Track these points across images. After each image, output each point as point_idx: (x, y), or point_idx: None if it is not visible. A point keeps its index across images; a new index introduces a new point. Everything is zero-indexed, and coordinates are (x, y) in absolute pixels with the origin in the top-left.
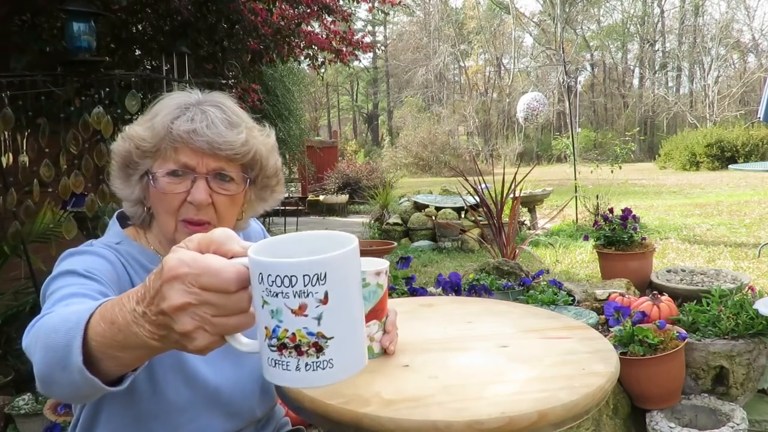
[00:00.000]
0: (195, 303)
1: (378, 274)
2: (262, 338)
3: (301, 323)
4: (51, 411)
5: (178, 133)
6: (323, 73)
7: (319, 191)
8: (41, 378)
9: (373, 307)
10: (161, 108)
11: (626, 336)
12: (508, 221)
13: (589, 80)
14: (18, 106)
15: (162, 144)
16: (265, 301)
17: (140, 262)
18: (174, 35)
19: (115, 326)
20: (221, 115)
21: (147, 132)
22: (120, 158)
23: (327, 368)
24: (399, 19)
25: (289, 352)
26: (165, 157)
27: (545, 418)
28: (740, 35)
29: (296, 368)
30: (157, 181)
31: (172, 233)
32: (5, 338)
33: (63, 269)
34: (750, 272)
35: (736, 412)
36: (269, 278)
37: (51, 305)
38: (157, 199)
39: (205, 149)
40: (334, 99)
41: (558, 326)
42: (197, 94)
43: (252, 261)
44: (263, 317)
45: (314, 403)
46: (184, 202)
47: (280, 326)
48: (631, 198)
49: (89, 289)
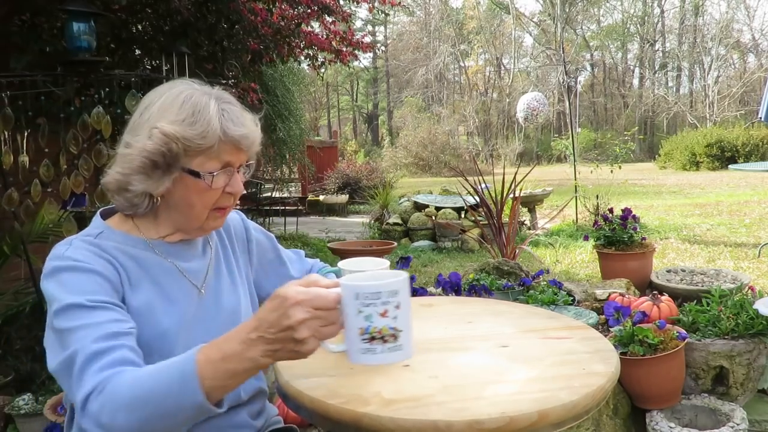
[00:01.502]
0: (310, 318)
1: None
2: (355, 335)
3: (385, 322)
4: (51, 411)
5: (232, 137)
6: (323, 73)
7: (319, 191)
8: (137, 429)
9: None
10: (198, 107)
11: (626, 336)
12: (508, 221)
13: (589, 80)
14: (18, 106)
15: (215, 145)
16: (359, 310)
17: (123, 249)
18: (174, 35)
19: (226, 359)
20: (248, 114)
21: (193, 132)
22: (155, 157)
23: (398, 350)
24: (399, 19)
25: (377, 342)
26: (209, 156)
27: (545, 418)
28: (740, 35)
29: (381, 352)
30: (203, 178)
31: (202, 221)
32: (5, 338)
33: (67, 302)
34: (750, 272)
35: (736, 412)
36: (364, 295)
37: (83, 358)
38: (196, 194)
39: (244, 147)
40: (334, 99)
41: (558, 326)
42: (207, 87)
43: (350, 286)
44: (357, 322)
45: (314, 402)
46: (223, 194)
47: (371, 326)
48: (631, 198)
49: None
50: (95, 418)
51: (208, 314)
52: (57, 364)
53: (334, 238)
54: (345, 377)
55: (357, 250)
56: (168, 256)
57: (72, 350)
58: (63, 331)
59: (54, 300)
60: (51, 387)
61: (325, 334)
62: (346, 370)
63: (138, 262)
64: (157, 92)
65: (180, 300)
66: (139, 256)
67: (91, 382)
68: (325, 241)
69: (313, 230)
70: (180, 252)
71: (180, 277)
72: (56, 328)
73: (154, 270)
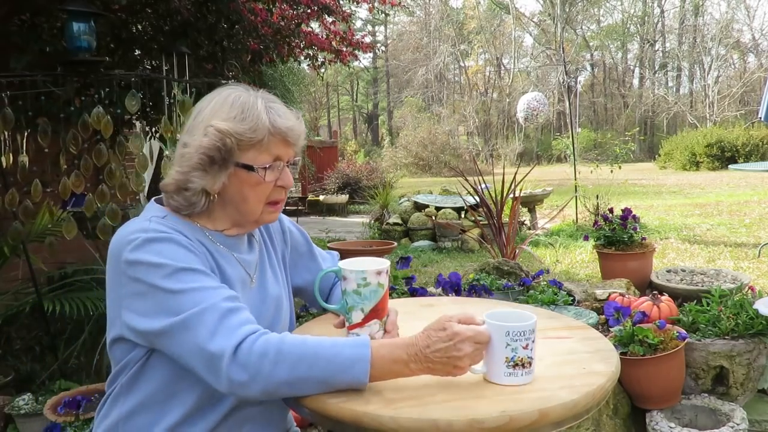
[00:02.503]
0: (473, 351)
1: (379, 273)
2: (501, 362)
3: (526, 353)
4: (51, 411)
5: (281, 130)
6: (323, 73)
7: (319, 191)
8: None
9: (374, 307)
10: (247, 105)
11: (626, 336)
12: (508, 221)
13: (589, 80)
14: (18, 106)
15: (265, 138)
16: (508, 344)
17: (188, 235)
18: (174, 35)
19: (393, 361)
20: (292, 110)
21: (244, 127)
22: (211, 152)
23: (531, 374)
24: (399, 19)
25: (518, 368)
26: (260, 150)
27: (546, 417)
28: (740, 35)
29: (520, 375)
30: (256, 171)
31: (258, 215)
32: (5, 338)
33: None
34: (750, 272)
35: (736, 412)
36: (513, 333)
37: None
38: (250, 188)
39: (292, 141)
40: (334, 99)
41: (558, 326)
42: (252, 89)
43: (502, 325)
44: (505, 352)
45: (315, 402)
46: (275, 187)
47: (515, 356)
48: (631, 198)
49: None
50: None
51: (257, 302)
52: (174, 322)
53: (334, 238)
54: None
55: (357, 250)
56: (225, 246)
57: (200, 308)
58: (180, 292)
59: (158, 266)
60: (51, 387)
61: (476, 361)
62: None
63: (204, 245)
64: (207, 98)
65: (237, 286)
66: (203, 240)
67: (241, 333)
68: (325, 241)
69: (313, 230)
70: (233, 244)
71: (237, 265)
72: (169, 289)
73: (217, 255)
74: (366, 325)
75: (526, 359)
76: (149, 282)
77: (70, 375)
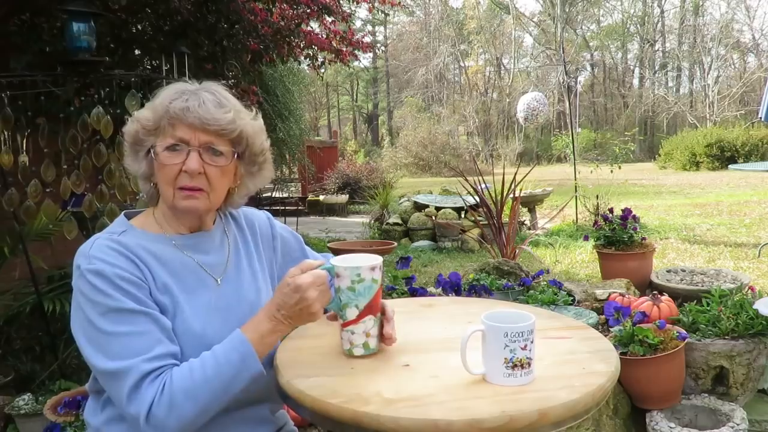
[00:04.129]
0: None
1: (373, 269)
2: (500, 363)
3: (525, 354)
4: (51, 411)
5: (174, 111)
6: (323, 73)
7: (319, 191)
8: (199, 418)
9: (368, 303)
10: (163, 93)
11: (626, 336)
12: (508, 221)
13: (589, 80)
14: (18, 106)
15: (161, 122)
16: (506, 345)
17: (144, 246)
18: (174, 35)
19: (265, 335)
20: (212, 97)
21: (149, 113)
22: (130, 138)
23: (530, 374)
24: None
25: (517, 369)
26: (164, 134)
27: (545, 417)
28: (740, 35)
29: (519, 375)
30: (158, 155)
31: (171, 200)
32: (5, 338)
33: (109, 305)
34: (750, 272)
35: (736, 412)
36: (512, 334)
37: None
38: (158, 171)
39: (197, 125)
40: (334, 99)
41: (558, 326)
42: (195, 84)
43: (500, 327)
44: (504, 353)
45: (315, 402)
46: (180, 172)
47: (514, 356)
48: (631, 198)
49: (152, 334)
50: (163, 422)
51: (228, 305)
52: (106, 370)
53: (334, 238)
54: (345, 377)
55: (357, 250)
56: (186, 250)
57: (124, 366)
58: (112, 335)
59: (94, 303)
60: (51, 387)
61: (325, 301)
62: (346, 370)
63: (158, 258)
64: None
65: (197, 291)
66: (158, 252)
67: (149, 395)
68: (325, 241)
69: (313, 230)
70: (198, 245)
71: (197, 268)
72: (102, 329)
73: (173, 264)
74: (360, 321)
75: (525, 360)
76: (88, 316)
77: (70, 375)
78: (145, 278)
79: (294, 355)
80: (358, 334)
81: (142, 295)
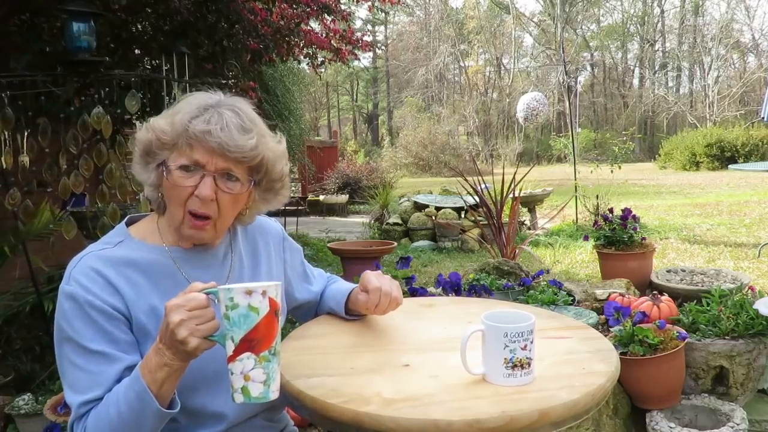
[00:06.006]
0: (186, 319)
1: (249, 293)
2: (500, 363)
3: (525, 354)
4: (51, 411)
5: (194, 132)
6: (323, 72)
7: (319, 191)
8: None
9: (244, 336)
10: (183, 106)
11: (626, 336)
12: (508, 221)
13: (589, 80)
14: (18, 106)
15: (179, 139)
16: (506, 345)
17: (135, 261)
18: (174, 35)
19: (153, 370)
20: (236, 120)
21: (168, 126)
22: (142, 146)
23: (530, 374)
24: (399, 19)
25: (517, 369)
26: (180, 152)
27: (546, 417)
28: (740, 35)
29: (519, 376)
30: (170, 173)
31: (178, 224)
32: (5, 338)
33: (75, 338)
34: (750, 272)
35: (736, 412)
36: (511, 335)
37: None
38: (168, 189)
39: (216, 149)
40: (334, 99)
41: (558, 326)
42: (218, 95)
43: (499, 327)
44: (503, 354)
45: (315, 402)
46: (191, 195)
47: (514, 356)
48: (631, 198)
49: (99, 379)
50: None
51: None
52: (68, 398)
53: (334, 238)
54: (345, 377)
55: (357, 250)
56: (181, 263)
57: (70, 399)
58: (69, 361)
59: (62, 322)
60: (51, 387)
61: (203, 330)
62: (346, 370)
63: (149, 277)
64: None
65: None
66: (150, 266)
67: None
68: (325, 241)
69: (313, 230)
70: (196, 259)
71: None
72: (64, 351)
73: (163, 280)
74: (237, 359)
75: (524, 360)
76: (60, 331)
77: None
78: (126, 305)
79: (294, 355)
80: (236, 375)
81: (111, 326)
